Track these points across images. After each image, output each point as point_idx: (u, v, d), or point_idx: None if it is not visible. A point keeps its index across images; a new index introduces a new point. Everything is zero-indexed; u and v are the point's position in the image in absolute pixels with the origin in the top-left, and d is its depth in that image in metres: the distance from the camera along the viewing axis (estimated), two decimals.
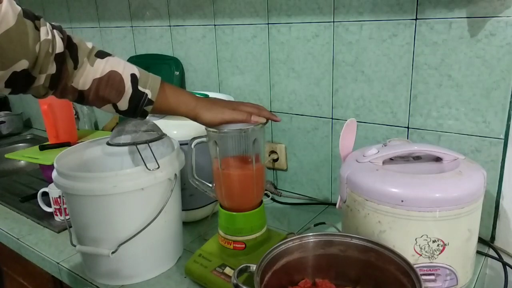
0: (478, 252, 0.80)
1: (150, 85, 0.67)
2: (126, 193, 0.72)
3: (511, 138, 0.80)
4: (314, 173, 1.10)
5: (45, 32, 0.58)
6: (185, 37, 1.26)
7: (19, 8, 0.57)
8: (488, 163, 0.83)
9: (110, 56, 0.66)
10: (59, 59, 0.60)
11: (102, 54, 0.65)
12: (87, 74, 0.63)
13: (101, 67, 0.64)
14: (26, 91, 0.62)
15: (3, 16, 0.54)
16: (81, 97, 0.65)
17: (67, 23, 1.62)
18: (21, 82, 0.59)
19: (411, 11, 0.85)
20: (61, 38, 0.61)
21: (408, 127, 0.92)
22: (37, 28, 0.58)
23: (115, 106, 0.66)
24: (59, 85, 0.63)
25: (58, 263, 0.88)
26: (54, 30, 0.60)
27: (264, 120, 0.72)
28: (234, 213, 0.75)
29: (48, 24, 0.60)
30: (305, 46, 1.02)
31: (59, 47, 0.60)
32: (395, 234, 0.66)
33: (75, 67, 0.63)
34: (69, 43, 0.63)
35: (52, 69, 0.60)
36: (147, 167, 0.73)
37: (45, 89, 0.62)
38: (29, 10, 0.59)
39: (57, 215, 1.04)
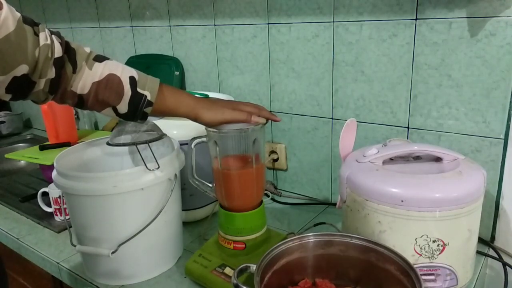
0: (478, 252, 0.80)
1: (149, 87, 0.67)
2: (126, 193, 0.72)
3: (511, 138, 0.80)
4: (314, 173, 1.10)
5: (44, 37, 0.59)
6: (185, 37, 1.26)
7: (18, 15, 0.58)
8: (488, 163, 0.83)
9: (108, 59, 0.67)
10: (58, 63, 0.61)
11: (100, 58, 0.66)
12: (86, 78, 0.64)
13: (100, 71, 0.64)
14: (26, 96, 0.62)
15: (3, 22, 0.54)
16: (80, 101, 0.66)
17: (67, 23, 1.61)
18: (22, 87, 0.60)
19: (411, 11, 0.85)
20: (59, 43, 0.61)
21: (408, 127, 0.92)
22: (36, 34, 0.59)
23: (115, 110, 0.67)
24: (58, 89, 0.63)
25: (58, 263, 0.88)
26: (53, 36, 0.61)
27: (264, 121, 0.72)
28: (234, 213, 0.75)
29: (47, 30, 0.61)
30: (305, 46, 1.01)
31: (58, 51, 0.61)
32: (395, 234, 0.66)
33: (74, 71, 0.63)
34: (67, 47, 0.63)
35: (52, 73, 0.60)
36: (147, 167, 0.73)
37: (45, 94, 0.62)
38: (28, 17, 0.60)
39: (57, 215, 1.04)
